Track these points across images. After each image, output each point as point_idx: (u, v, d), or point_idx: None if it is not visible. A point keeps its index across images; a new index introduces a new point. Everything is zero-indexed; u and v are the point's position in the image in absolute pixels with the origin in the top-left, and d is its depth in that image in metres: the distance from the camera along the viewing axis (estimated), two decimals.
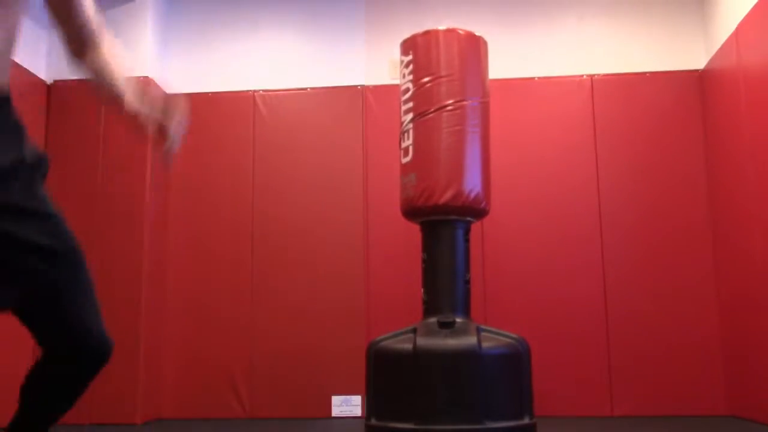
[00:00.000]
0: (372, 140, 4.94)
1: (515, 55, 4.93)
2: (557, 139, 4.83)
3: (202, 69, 5.19)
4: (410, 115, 3.26)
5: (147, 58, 4.90)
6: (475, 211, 3.17)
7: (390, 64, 5.08)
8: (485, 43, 3.33)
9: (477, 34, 3.34)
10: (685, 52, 4.86)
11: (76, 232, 5.37)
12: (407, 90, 3.31)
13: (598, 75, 4.90)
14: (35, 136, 4.71)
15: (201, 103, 5.09)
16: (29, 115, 4.73)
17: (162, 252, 4.89)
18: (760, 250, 3.92)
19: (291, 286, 4.79)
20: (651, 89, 4.83)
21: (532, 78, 4.90)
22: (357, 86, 5.03)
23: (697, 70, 4.81)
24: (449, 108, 3.13)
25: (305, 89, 5.04)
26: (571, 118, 4.87)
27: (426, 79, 3.22)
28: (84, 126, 4.83)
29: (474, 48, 3.28)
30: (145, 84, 2.78)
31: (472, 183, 3.11)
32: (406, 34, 5.04)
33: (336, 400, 4.70)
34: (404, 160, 3.28)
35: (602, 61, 4.93)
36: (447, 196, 3.10)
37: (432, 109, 3.17)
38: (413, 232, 4.77)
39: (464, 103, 3.14)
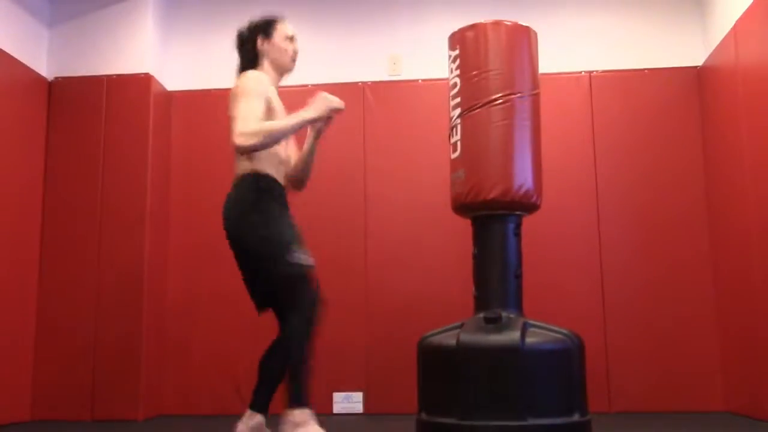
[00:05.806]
0: (372, 137, 4.94)
1: None
2: (555, 135, 4.84)
3: (204, 66, 5.13)
4: (458, 111, 3.23)
5: (147, 55, 4.81)
6: (526, 205, 3.16)
7: (390, 61, 5.08)
8: (535, 34, 3.31)
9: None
10: (683, 48, 4.95)
11: (75, 231, 5.26)
12: (455, 85, 3.27)
13: (597, 72, 4.95)
14: (36, 133, 4.66)
15: (202, 100, 5.04)
16: (30, 112, 4.66)
17: (163, 250, 4.83)
18: (757, 245, 4.01)
19: None
20: (649, 86, 4.90)
21: None
22: (357, 83, 5.02)
23: (695, 67, 4.90)
24: (497, 102, 3.10)
25: (306, 86, 5.01)
26: (569, 114, 4.92)
27: (473, 74, 3.18)
28: (85, 123, 4.75)
29: (523, 40, 3.26)
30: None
31: (521, 177, 3.09)
32: (405, 32, 5.09)
33: (337, 396, 4.70)
34: (453, 156, 3.25)
35: (600, 58, 4.98)
36: (496, 191, 3.07)
37: (480, 104, 3.13)
38: (413, 229, 4.82)
39: (513, 96, 3.12)
